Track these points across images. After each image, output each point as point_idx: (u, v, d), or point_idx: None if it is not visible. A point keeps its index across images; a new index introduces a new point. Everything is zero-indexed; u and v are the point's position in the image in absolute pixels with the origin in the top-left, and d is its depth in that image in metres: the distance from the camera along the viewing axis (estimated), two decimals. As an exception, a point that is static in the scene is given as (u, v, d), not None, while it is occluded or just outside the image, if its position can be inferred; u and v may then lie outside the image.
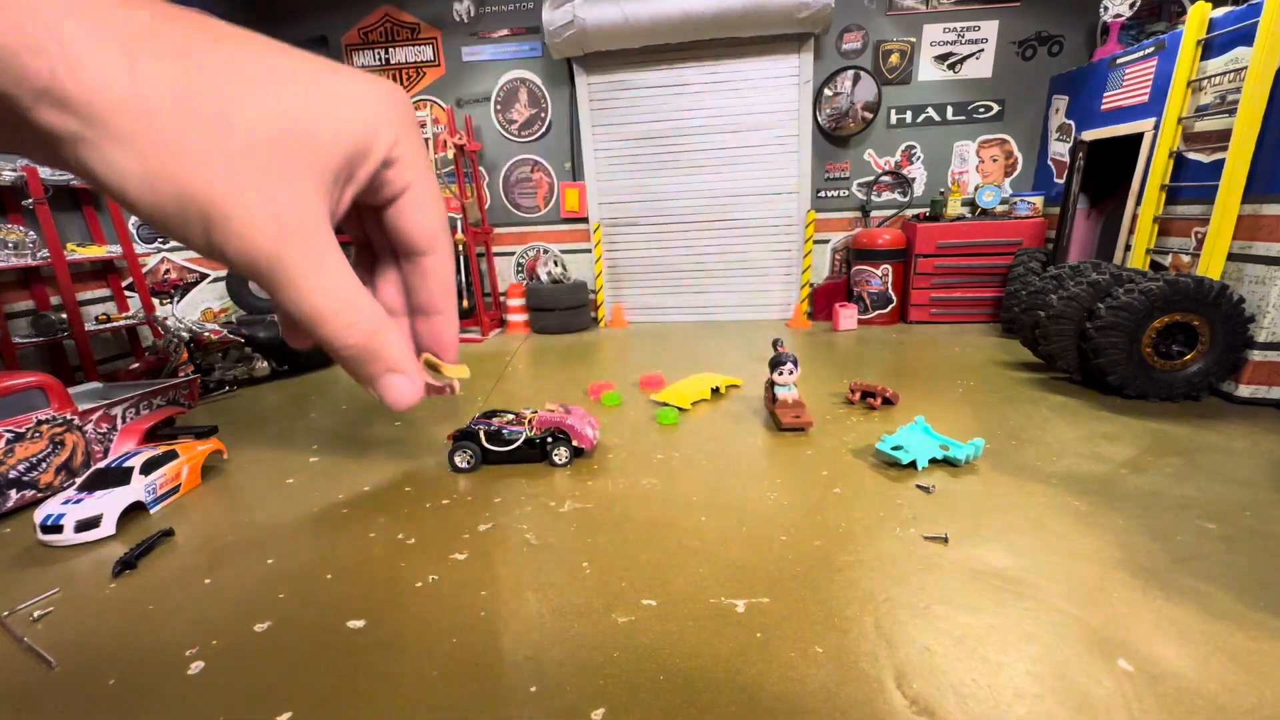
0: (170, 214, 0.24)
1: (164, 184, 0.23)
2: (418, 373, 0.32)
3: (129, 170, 0.23)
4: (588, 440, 2.48)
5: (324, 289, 0.27)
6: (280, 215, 0.25)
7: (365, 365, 0.30)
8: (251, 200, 0.24)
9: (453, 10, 5.24)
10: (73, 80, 0.21)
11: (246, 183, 0.24)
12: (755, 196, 5.35)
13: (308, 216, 0.26)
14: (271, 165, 0.25)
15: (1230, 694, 1.25)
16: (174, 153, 0.23)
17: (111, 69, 0.22)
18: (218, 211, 0.24)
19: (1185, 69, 3.18)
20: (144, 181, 0.23)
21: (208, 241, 0.25)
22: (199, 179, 0.23)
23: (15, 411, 2.29)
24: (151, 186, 0.23)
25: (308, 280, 0.27)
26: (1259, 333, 2.76)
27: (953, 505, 2.01)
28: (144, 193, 0.23)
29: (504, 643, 1.49)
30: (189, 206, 0.24)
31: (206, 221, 0.24)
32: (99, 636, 1.59)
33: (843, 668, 1.36)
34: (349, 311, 0.28)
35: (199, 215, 0.24)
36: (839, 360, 3.97)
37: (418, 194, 0.32)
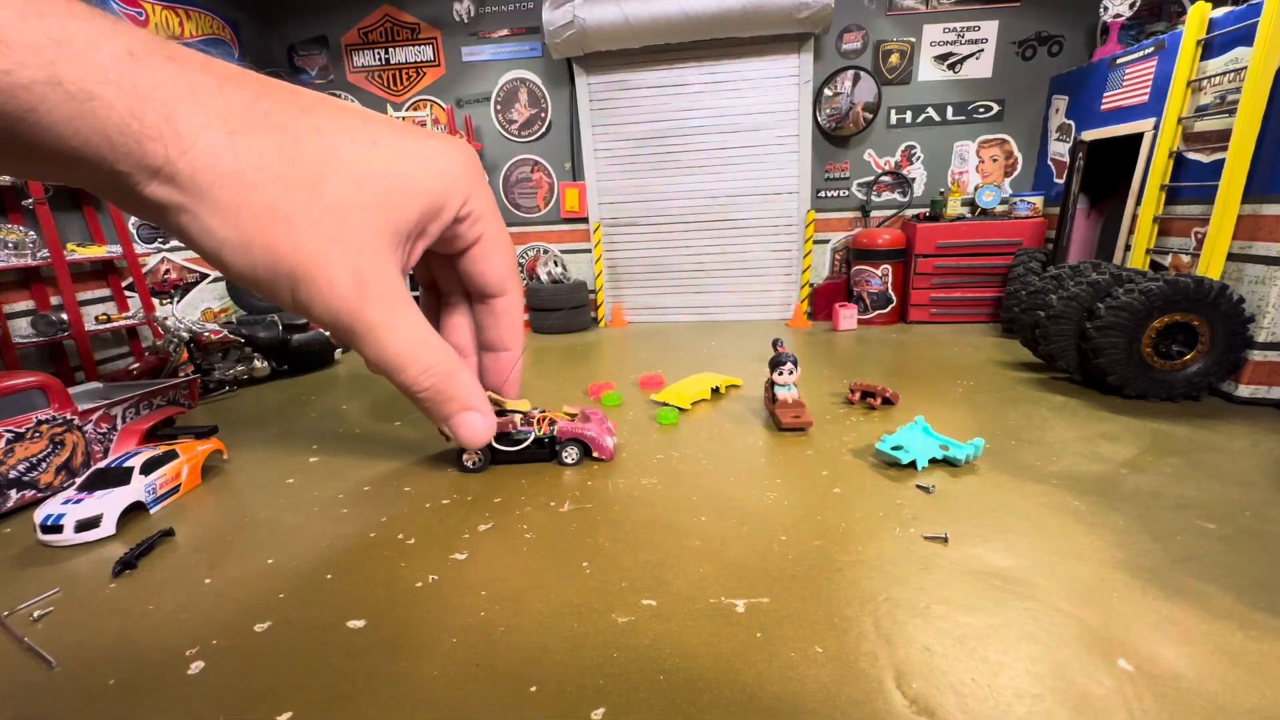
0: (262, 276, 0.26)
1: (258, 250, 0.25)
2: (489, 409, 0.34)
3: (226, 238, 0.25)
4: (608, 451, 2.47)
5: (400, 340, 0.29)
6: (360, 274, 0.27)
7: (441, 406, 0.32)
8: (334, 261, 0.26)
9: (453, 10, 5.24)
10: (184, 161, 0.23)
11: (330, 245, 0.26)
12: (755, 196, 5.35)
13: (384, 274, 0.28)
14: (352, 228, 0.27)
15: (1230, 694, 1.25)
16: (267, 221, 0.25)
17: (218, 149, 0.24)
18: (304, 272, 0.26)
19: (1185, 69, 3.18)
20: (240, 248, 0.25)
21: (294, 299, 0.27)
22: (288, 243, 0.26)
23: (15, 411, 2.28)
24: (246, 253, 0.25)
25: (386, 333, 0.29)
26: (1259, 333, 2.76)
27: (953, 505, 2.01)
28: (239, 258, 0.26)
29: (504, 642, 1.49)
30: (279, 268, 0.26)
31: (294, 282, 0.26)
32: (99, 636, 1.59)
33: (843, 668, 1.36)
34: (424, 358, 0.30)
35: (287, 276, 0.26)
36: (839, 360, 3.97)
37: (489, 243, 0.35)
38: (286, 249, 0.26)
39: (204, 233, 0.25)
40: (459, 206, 0.32)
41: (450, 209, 0.31)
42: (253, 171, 0.24)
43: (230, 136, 0.24)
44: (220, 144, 0.24)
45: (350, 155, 0.27)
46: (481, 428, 0.33)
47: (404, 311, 0.29)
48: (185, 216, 0.24)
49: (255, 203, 0.25)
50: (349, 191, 0.27)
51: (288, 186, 0.25)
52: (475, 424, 0.33)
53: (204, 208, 0.24)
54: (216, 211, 0.24)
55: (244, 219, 0.25)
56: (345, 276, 0.27)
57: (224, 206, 0.24)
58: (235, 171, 0.24)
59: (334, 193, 0.26)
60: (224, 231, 0.25)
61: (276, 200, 0.25)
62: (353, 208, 0.27)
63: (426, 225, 0.31)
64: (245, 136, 0.24)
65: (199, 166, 0.23)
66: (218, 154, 0.24)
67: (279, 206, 0.25)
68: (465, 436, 0.33)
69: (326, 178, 0.26)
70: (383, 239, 0.28)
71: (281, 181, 0.25)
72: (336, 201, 0.26)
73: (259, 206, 0.25)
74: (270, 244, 0.25)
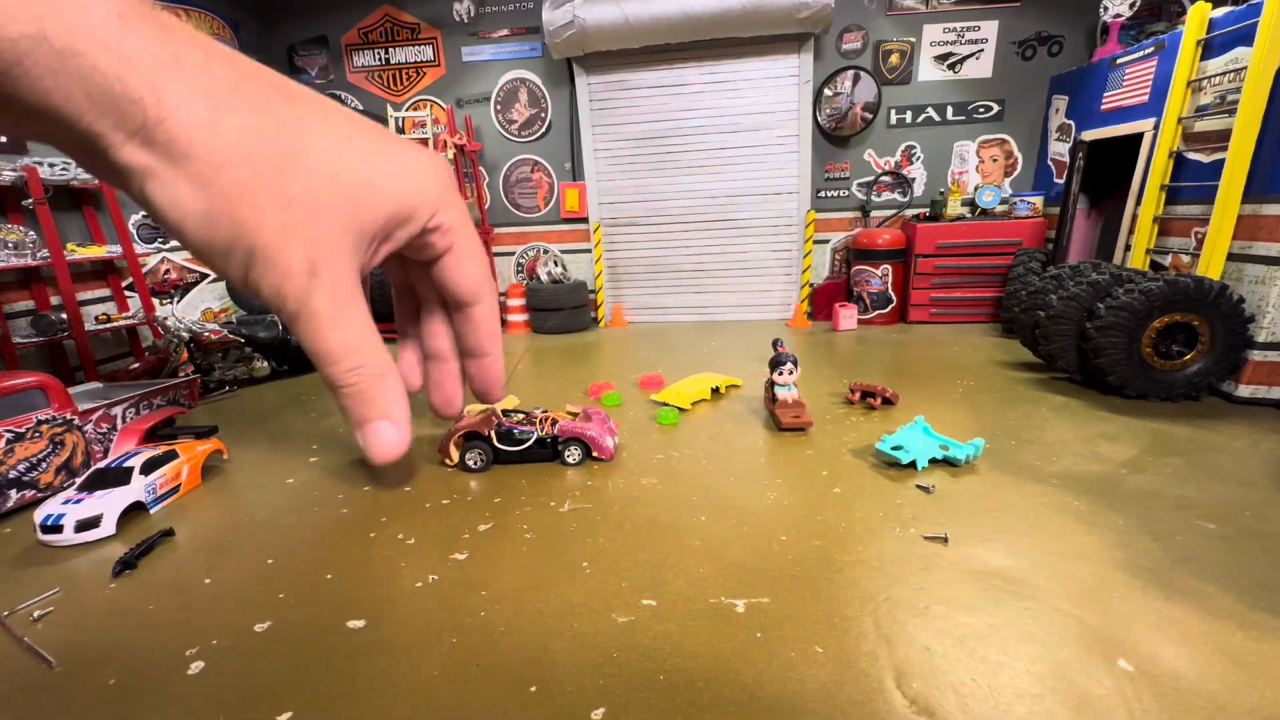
0: (218, 249, 0.27)
1: (221, 224, 0.26)
2: (407, 426, 0.33)
3: (191, 208, 0.25)
4: (608, 451, 2.47)
5: (340, 335, 0.29)
6: (315, 264, 0.28)
7: (360, 407, 0.31)
8: (293, 247, 0.27)
9: (453, 10, 5.24)
10: (162, 128, 0.24)
11: (293, 231, 0.27)
12: (755, 196, 5.35)
13: (339, 269, 0.29)
14: (316, 220, 0.27)
15: (1230, 694, 1.25)
16: (235, 199, 0.25)
17: (198, 121, 0.24)
18: (264, 252, 0.26)
19: (1185, 69, 3.18)
20: (203, 219, 0.26)
21: (245, 274, 0.27)
22: (252, 223, 0.26)
23: (15, 411, 2.28)
24: (209, 226, 0.26)
25: (327, 325, 0.29)
26: (1259, 333, 2.76)
27: (953, 505, 2.01)
28: (200, 228, 0.26)
29: (504, 642, 1.49)
30: (238, 244, 0.26)
31: (250, 259, 0.27)
32: (99, 636, 1.59)
33: (843, 668, 1.36)
34: (357, 356, 0.30)
35: (245, 252, 0.26)
36: (839, 360, 3.97)
37: (460, 253, 0.35)
38: (250, 228, 0.26)
39: (170, 202, 0.25)
40: (428, 218, 0.32)
41: (419, 219, 0.32)
42: (229, 149, 0.25)
43: (212, 112, 0.24)
44: (201, 118, 0.24)
45: (326, 149, 0.28)
46: (392, 441, 0.32)
47: (350, 309, 0.29)
48: (154, 183, 0.25)
49: (226, 180, 0.25)
50: (320, 184, 0.27)
51: (261, 169, 0.26)
52: (386, 435, 0.32)
53: (175, 176, 0.24)
54: (187, 182, 0.25)
55: (213, 194, 0.25)
56: (300, 263, 0.27)
57: (195, 178, 0.25)
58: (212, 146, 0.24)
59: (304, 182, 0.27)
60: (191, 203, 0.25)
61: (248, 181, 0.25)
62: (321, 200, 0.27)
63: (392, 231, 0.31)
64: (227, 114, 0.25)
65: (176, 136, 0.24)
66: (197, 126, 0.24)
67: (249, 187, 0.25)
68: (374, 445, 0.32)
69: (299, 167, 0.27)
70: (345, 236, 0.28)
71: (255, 163, 0.25)
72: (306, 191, 0.27)
73: (229, 184, 0.25)
74: (235, 221, 0.26)
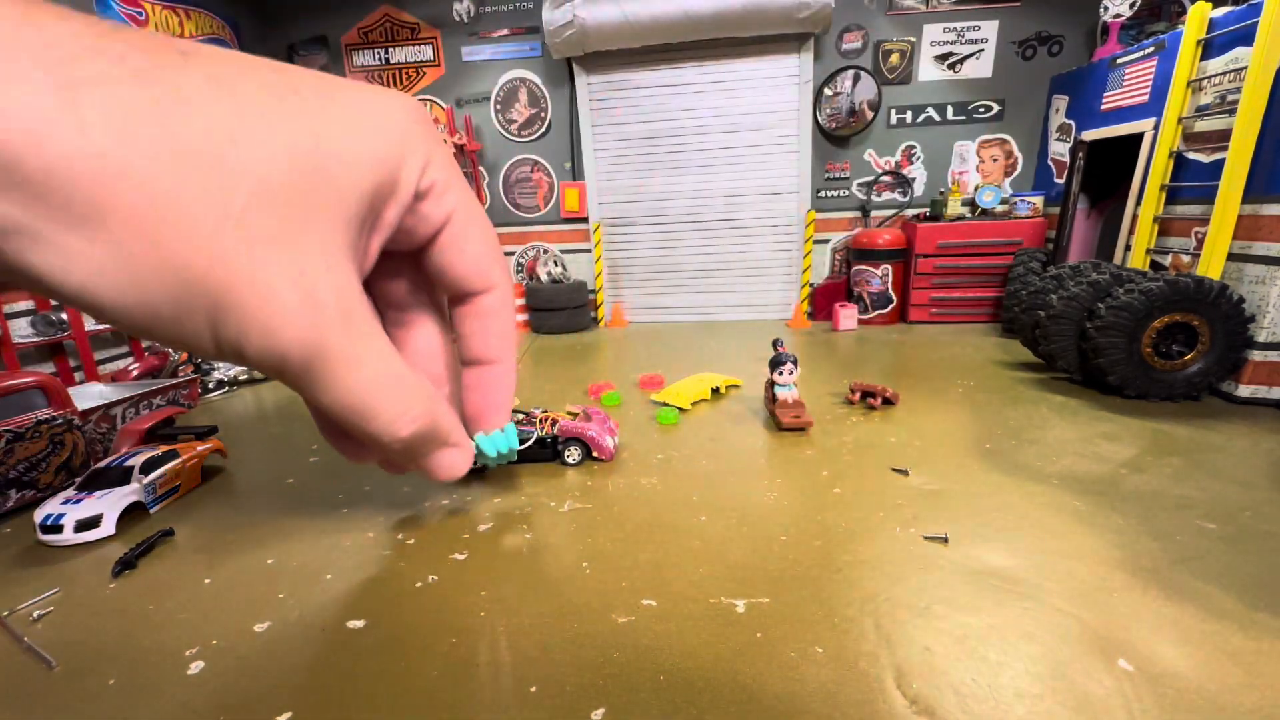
0: (161, 314, 0.17)
1: (152, 276, 0.16)
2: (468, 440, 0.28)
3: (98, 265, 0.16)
4: (608, 452, 2.47)
5: (370, 378, 0.22)
6: (311, 289, 0.19)
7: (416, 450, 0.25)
8: (274, 277, 0.18)
9: (453, 10, 5.24)
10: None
11: (265, 253, 0.18)
12: (755, 196, 5.35)
13: (343, 285, 0.20)
14: (290, 224, 0.18)
15: (1230, 694, 1.25)
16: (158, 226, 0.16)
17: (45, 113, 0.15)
18: (232, 299, 0.18)
19: (1185, 69, 3.18)
20: (123, 278, 0.16)
21: (215, 340, 0.18)
22: (198, 257, 0.17)
23: (15, 411, 2.28)
24: (135, 282, 0.16)
25: (354, 371, 0.21)
26: (1259, 333, 2.76)
27: (953, 505, 2.01)
28: (124, 293, 0.17)
29: (504, 642, 1.49)
30: (189, 298, 0.17)
31: (216, 313, 0.18)
32: (99, 636, 1.59)
33: (843, 668, 1.36)
34: (403, 399, 0.23)
35: (205, 307, 0.17)
36: (839, 360, 3.97)
37: (462, 223, 0.25)
38: (197, 266, 0.17)
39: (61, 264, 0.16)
40: (418, 176, 0.23)
41: (408, 180, 0.22)
42: (116, 147, 0.15)
43: (65, 92, 0.15)
44: (48, 104, 0.15)
45: (266, 116, 0.18)
46: (461, 465, 0.27)
47: (373, 338, 0.22)
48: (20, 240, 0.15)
49: (131, 199, 0.16)
50: (275, 168, 0.18)
51: (179, 165, 0.16)
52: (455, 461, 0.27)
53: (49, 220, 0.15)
54: (72, 221, 0.15)
55: (119, 231, 0.16)
56: (291, 295, 0.18)
57: (80, 211, 0.15)
58: (85, 150, 0.15)
59: (256, 174, 0.18)
60: (91, 256, 0.16)
61: (166, 189, 0.16)
62: (285, 190, 0.18)
63: (381, 210, 0.22)
64: (92, 90, 0.15)
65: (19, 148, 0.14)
66: (48, 122, 0.15)
67: (173, 199, 0.16)
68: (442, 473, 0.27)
69: (240, 151, 0.17)
70: (332, 233, 0.20)
71: (166, 159, 0.16)
72: (261, 184, 0.18)
73: (138, 204, 0.16)
74: (170, 262, 0.16)
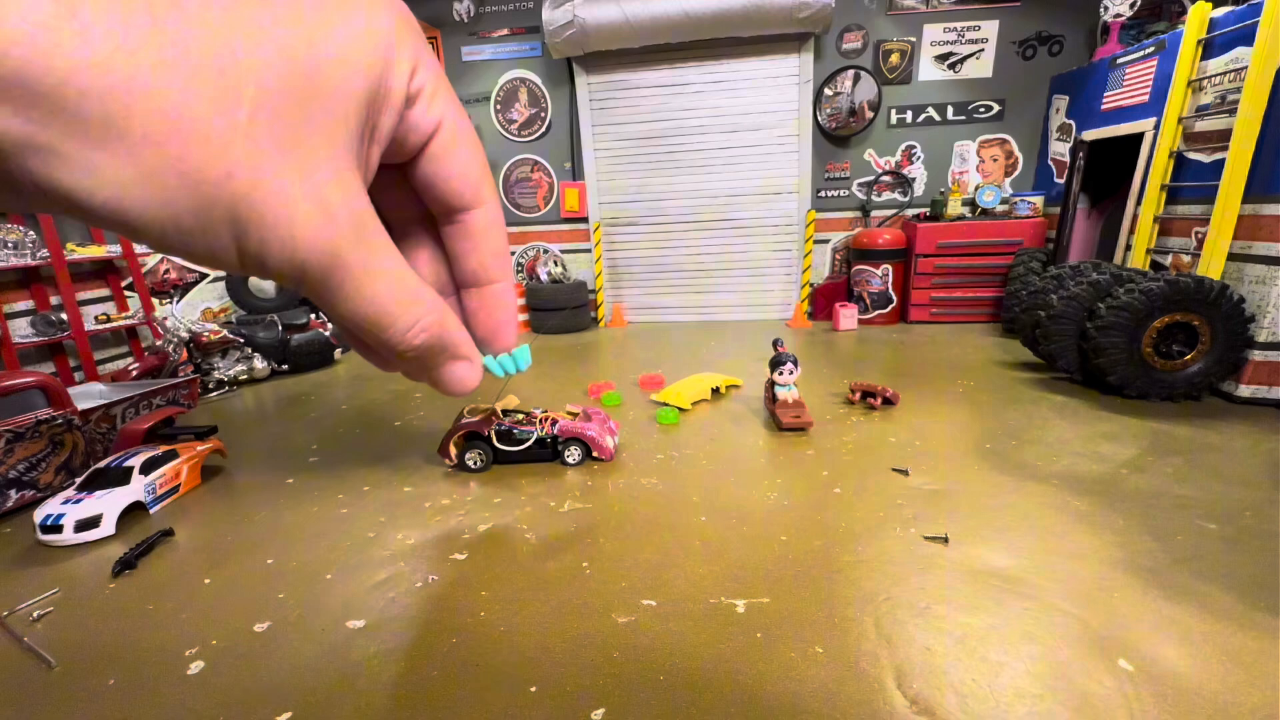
0: (187, 227, 0.17)
1: (173, 186, 0.16)
2: (476, 352, 0.28)
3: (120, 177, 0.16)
4: (608, 451, 2.47)
5: (385, 287, 0.22)
6: (324, 199, 0.19)
7: (427, 360, 0.26)
8: (289, 185, 0.18)
9: (453, 10, 5.24)
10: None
11: (275, 163, 0.18)
12: (755, 196, 5.35)
13: (352, 195, 0.20)
14: (295, 133, 0.18)
15: (1230, 694, 1.24)
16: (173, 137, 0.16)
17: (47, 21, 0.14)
18: (249, 209, 0.17)
19: (1185, 69, 3.18)
20: (145, 189, 0.16)
21: (239, 251, 0.18)
22: (216, 167, 0.17)
23: (15, 411, 2.28)
24: (158, 196, 0.16)
25: (369, 278, 0.21)
26: (1259, 333, 2.76)
27: (953, 505, 2.01)
28: (148, 208, 0.16)
29: (504, 642, 1.49)
30: (210, 209, 0.17)
31: (237, 225, 0.18)
32: (99, 636, 1.59)
33: (843, 668, 1.36)
34: (415, 307, 0.23)
35: (225, 218, 0.17)
36: (839, 360, 3.97)
37: (451, 133, 0.24)
38: (214, 177, 0.17)
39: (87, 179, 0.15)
40: (408, 78, 0.22)
41: (399, 83, 0.21)
42: (123, 55, 0.15)
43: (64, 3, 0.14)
44: (46, 14, 0.14)
45: (258, 17, 0.17)
46: (471, 377, 0.27)
47: (385, 249, 0.22)
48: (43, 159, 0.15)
49: (143, 111, 0.15)
50: (272, 72, 0.17)
51: (183, 75, 0.16)
52: (464, 374, 0.27)
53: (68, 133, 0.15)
54: (89, 136, 0.15)
55: (137, 140, 0.15)
56: (308, 204, 0.18)
57: (98, 125, 0.15)
58: (91, 59, 0.14)
59: (259, 81, 0.17)
60: (112, 167, 0.15)
61: (176, 101, 0.16)
62: (285, 97, 0.18)
63: (376, 119, 0.21)
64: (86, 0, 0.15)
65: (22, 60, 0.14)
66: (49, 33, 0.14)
67: (183, 110, 0.16)
68: (453, 386, 0.27)
69: (239, 58, 0.17)
70: (335, 141, 0.19)
71: (171, 69, 0.15)
72: (262, 89, 0.17)
73: (151, 117, 0.15)
74: (189, 175, 0.16)
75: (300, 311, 4.60)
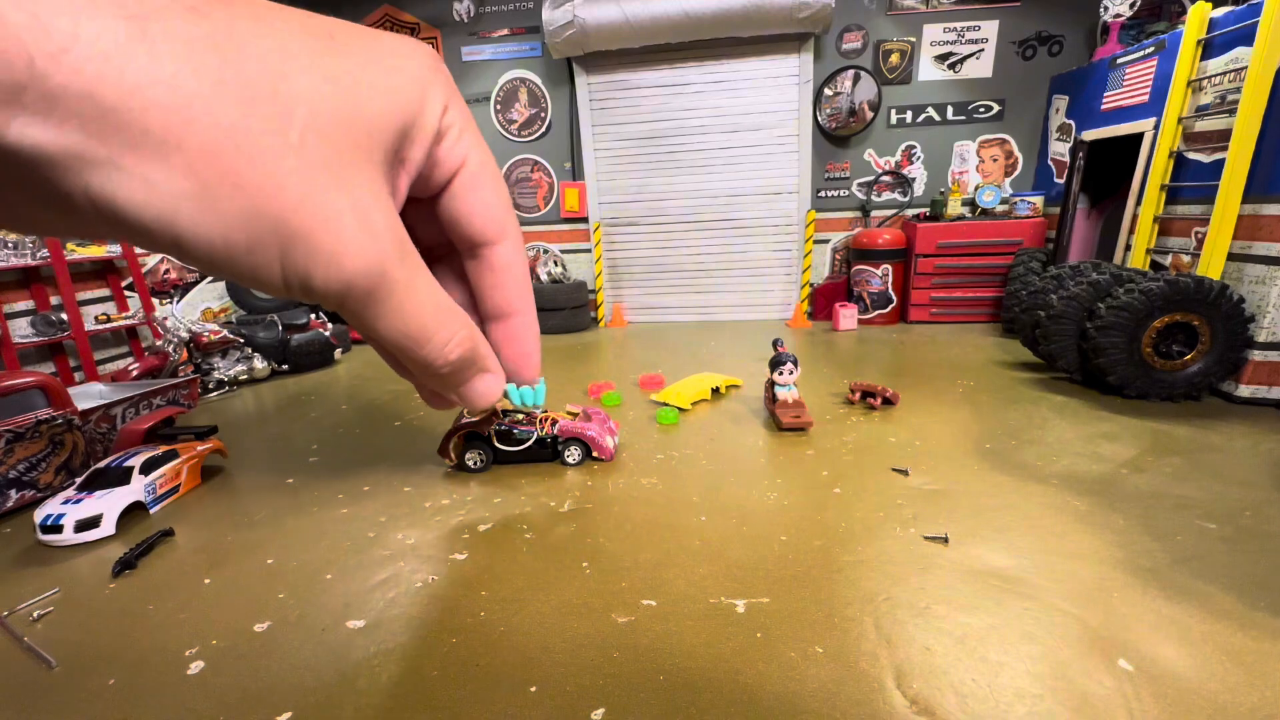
0: (236, 244, 0.18)
1: (226, 200, 0.17)
2: (499, 366, 0.29)
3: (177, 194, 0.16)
4: (608, 451, 2.47)
5: (426, 304, 0.23)
6: (366, 218, 0.20)
7: (458, 375, 0.26)
8: (336, 204, 0.19)
9: (453, 10, 5.24)
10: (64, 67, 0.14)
11: (324, 182, 0.18)
12: (755, 196, 5.35)
13: (390, 214, 0.21)
14: (340, 155, 0.19)
15: (1230, 694, 1.25)
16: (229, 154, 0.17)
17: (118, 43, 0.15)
18: (299, 225, 0.18)
19: (1185, 69, 3.18)
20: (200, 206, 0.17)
21: (285, 270, 0.19)
22: (269, 185, 0.17)
23: (15, 411, 2.28)
24: (211, 211, 0.17)
25: (410, 298, 0.22)
26: (1259, 333, 2.76)
27: (953, 505, 2.01)
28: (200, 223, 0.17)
29: (504, 642, 1.49)
30: (259, 225, 0.17)
31: (284, 242, 0.18)
32: (99, 636, 1.59)
33: (843, 668, 1.36)
34: (450, 323, 0.24)
35: (274, 234, 0.18)
36: (839, 360, 3.97)
37: (476, 170, 0.26)
38: (267, 193, 0.17)
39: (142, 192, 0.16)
40: (440, 114, 0.23)
41: (430, 119, 0.23)
42: (187, 76, 0.16)
43: (135, 22, 0.15)
44: (120, 35, 0.15)
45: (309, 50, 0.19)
46: (495, 390, 0.29)
47: (422, 266, 0.22)
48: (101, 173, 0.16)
49: (203, 127, 0.16)
50: (322, 100, 0.19)
51: (241, 95, 0.17)
52: (490, 386, 0.28)
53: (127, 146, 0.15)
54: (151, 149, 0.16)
55: (194, 156, 0.16)
56: (351, 223, 0.19)
57: (157, 140, 0.16)
58: (158, 77, 0.15)
59: (309, 108, 0.18)
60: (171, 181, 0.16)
61: (233, 119, 0.17)
62: (332, 122, 0.19)
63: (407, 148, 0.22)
64: (157, 21, 0.16)
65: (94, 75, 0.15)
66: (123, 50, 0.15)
67: (240, 128, 0.17)
68: (479, 399, 0.28)
69: (292, 86, 0.18)
70: (374, 164, 0.20)
71: (230, 89, 0.17)
72: (312, 115, 0.18)
73: (209, 133, 0.16)
74: (243, 190, 0.17)
75: (300, 311, 4.60)
